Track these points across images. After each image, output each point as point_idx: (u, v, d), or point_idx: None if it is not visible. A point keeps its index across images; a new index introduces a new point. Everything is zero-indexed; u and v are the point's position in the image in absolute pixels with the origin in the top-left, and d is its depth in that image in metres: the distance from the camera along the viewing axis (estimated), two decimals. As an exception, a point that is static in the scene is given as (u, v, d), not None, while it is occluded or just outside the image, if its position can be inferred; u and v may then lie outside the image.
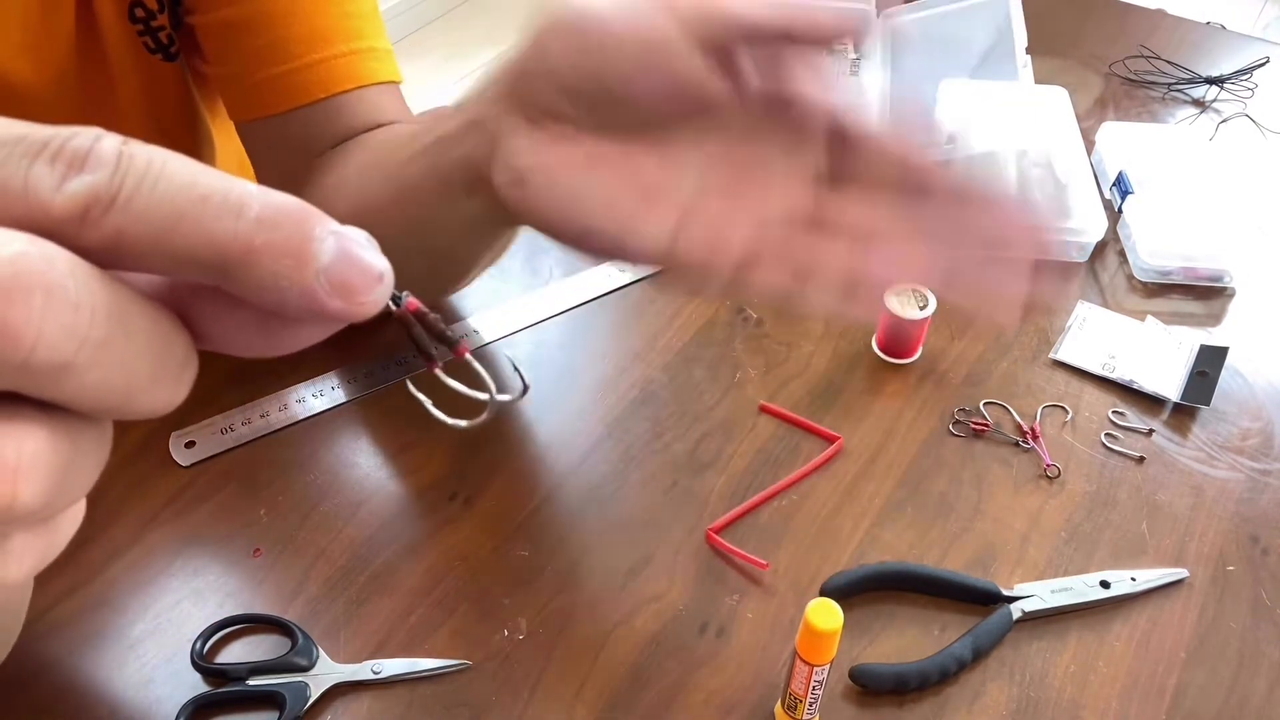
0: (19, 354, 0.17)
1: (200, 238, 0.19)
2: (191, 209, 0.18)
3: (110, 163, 0.18)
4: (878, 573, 0.54)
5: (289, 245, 0.19)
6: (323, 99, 0.61)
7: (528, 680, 0.50)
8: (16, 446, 0.18)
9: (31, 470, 0.18)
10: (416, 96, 0.68)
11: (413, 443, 0.61)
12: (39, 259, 0.17)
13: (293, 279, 0.19)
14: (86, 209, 0.18)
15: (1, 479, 0.18)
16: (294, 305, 0.20)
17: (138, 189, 0.18)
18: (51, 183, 0.18)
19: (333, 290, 0.20)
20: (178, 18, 0.63)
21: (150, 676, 0.50)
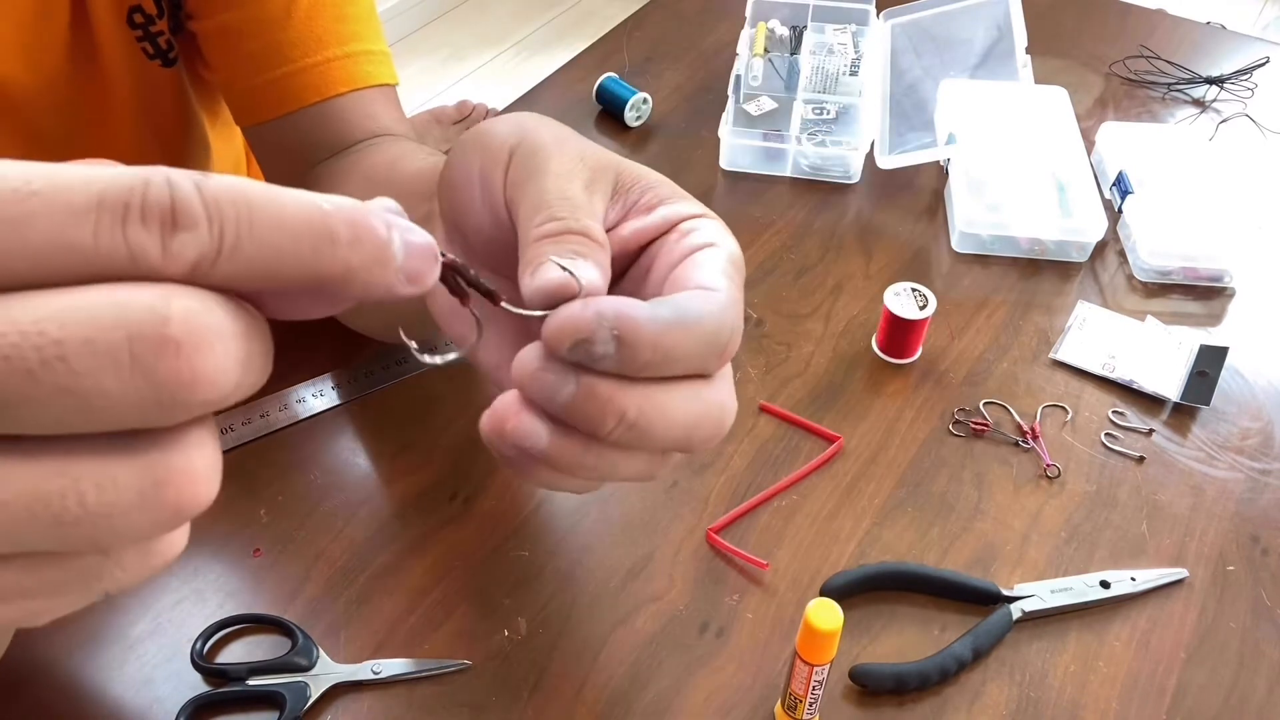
0: (215, 394, 0.19)
1: (303, 269, 0.21)
2: (291, 247, 0.20)
3: (202, 216, 0.19)
4: (878, 573, 0.54)
5: (374, 259, 0.22)
6: (319, 102, 0.61)
7: (528, 680, 0.50)
8: (202, 456, 0.21)
9: (215, 468, 0.21)
10: (416, 96, 0.68)
11: (413, 443, 0.61)
12: (204, 311, 0.19)
13: (379, 282, 0.22)
14: (195, 267, 0.20)
15: (200, 485, 0.20)
16: (378, 298, 0.22)
17: (238, 240, 0.20)
18: (155, 250, 0.19)
19: (408, 279, 0.23)
20: (178, 23, 0.63)
21: (150, 676, 0.50)
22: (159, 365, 0.18)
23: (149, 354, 0.18)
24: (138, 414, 0.19)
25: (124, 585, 0.22)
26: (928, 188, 0.82)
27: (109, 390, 0.18)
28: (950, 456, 0.62)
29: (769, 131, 0.83)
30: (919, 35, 0.91)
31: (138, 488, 0.20)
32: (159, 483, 0.20)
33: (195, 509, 0.21)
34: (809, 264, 0.75)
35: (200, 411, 0.20)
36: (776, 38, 0.93)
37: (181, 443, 0.20)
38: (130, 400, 0.19)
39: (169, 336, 0.18)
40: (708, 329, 0.31)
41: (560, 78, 0.95)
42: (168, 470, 0.20)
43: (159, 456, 0.20)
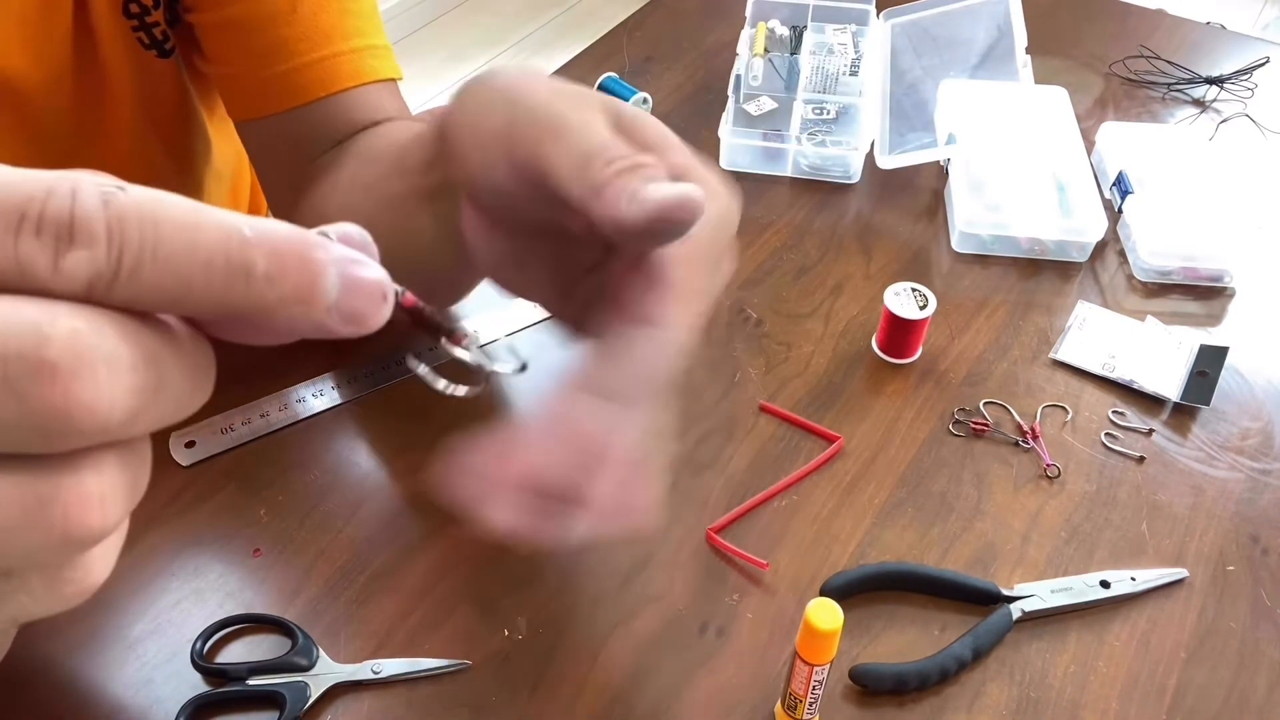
0: (95, 423, 0.18)
1: (213, 301, 0.19)
2: (199, 276, 0.19)
3: (100, 234, 0.18)
4: (878, 573, 0.54)
5: (299, 293, 0.20)
6: (323, 97, 0.61)
7: (528, 680, 0.50)
8: (97, 480, 0.19)
9: (112, 496, 0.20)
10: (416, 96, 0.68)
11: (413, 442, 0.61)
12: (90, 333, 0.18)
13: (306, 320, 0.20)
14: (89, 287, 0.18)
15: (91, 507, 0.19)
16: (308, 334, 0.21)
17: (138, 263, 0.18)
18: (45, 261, 0.18)
19: (343, 320, 0.20)
20: (175, 14, 0.63)
21: (150, 676, 0.50)
22: (33, 390, 0.17)
23: (24, 376, 0.17)
24: (14, 436, 0.18)
25: (33, 612, 0.21)
26: (928, 188, 0.82)
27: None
28: (950, 456, 0.62)
29: (769, 131, 0.83)
30: (919, 35, 0.91)
31: (21, 505, 0.18)
32: (44, 501, 0.19)
33: (87, 533, 0.19)
34: (809, 264, 0.75)
35: (89, 440, 0.18)
36: (776, 38, 0.93)
37: (73, 465, 0.19)
38: (6, 423, 0.17)
39: (46, 360, 0.17)
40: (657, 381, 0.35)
41: (560, 77, 0.94)
42: (55, 490, 0.19)
43: (45, 477, 0.19)
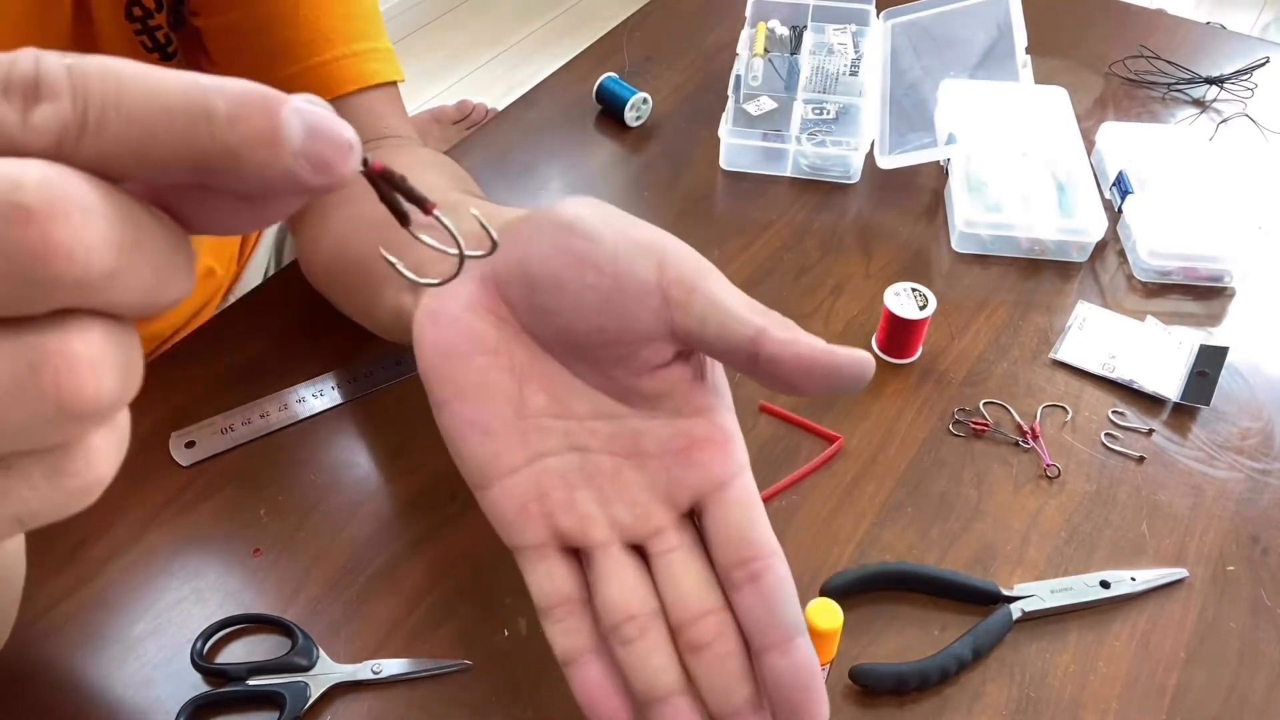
0: (76, 269, 0.18)
1: (177, 148, 0.19)
2: (163, 123, 0.19)
3: (64, 89, 0.18)
4: (878, 573, 0.54)
5: (261, 136, 0.20)
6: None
7: (528, 680, 0.50)
8: (85, 343, 0.19)
9: (104, 362, 0.19)
10: (417, 97, 0.68)
11: (413, 443, 0.61)
12: (61, 180, 0.18)
13: (273, 165, 0.20)
14: (59, 140, 0.19)
15: (82, 372, 0.19)
16: (278, 187, 0.21)
17: (104, 114, 0.19)
18: (15, 119, 0.18)
19: (312, 168, 0.21)
20: (180, 17, 0.63)
21: (150, 676, 0.50)
22: (9, 234, 0.17)
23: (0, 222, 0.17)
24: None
25: (36, 509, 0.20)
26: (928, 188, 0.82)
27: None
28: (950, 456, 0.62)
29: (769, 131, 0.83)
30: (919, 35, 0.91)
31: (11, 372, 0.18)
32: (33, 366, 0.18)
33: (81, 401, 0.19)
34: (809, 264, 0.75)
35: (71, 293, 0.18)
36: (776, 38, 0.93)
37: (60, 327, 0.19)
38: None
39: (20, 203, 0.17)
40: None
41: (560, 78, 0.95)
42: (42, 353, 0.19)
43: (32, 340, 0.19)
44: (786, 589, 0.38)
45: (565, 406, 0.41)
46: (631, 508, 0.40)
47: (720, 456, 0.39)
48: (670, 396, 0.40)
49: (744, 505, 0.39)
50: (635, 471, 0.40)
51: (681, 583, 0.39)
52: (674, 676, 0.38)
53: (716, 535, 0.39)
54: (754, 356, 0.37)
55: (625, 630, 0.39)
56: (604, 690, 0.39)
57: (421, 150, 0.63)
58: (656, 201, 0.81)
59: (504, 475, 0.41)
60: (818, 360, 0.36)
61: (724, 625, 0.38)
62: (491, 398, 0.41)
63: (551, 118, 0.90)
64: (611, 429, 0.40)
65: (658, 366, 0.39)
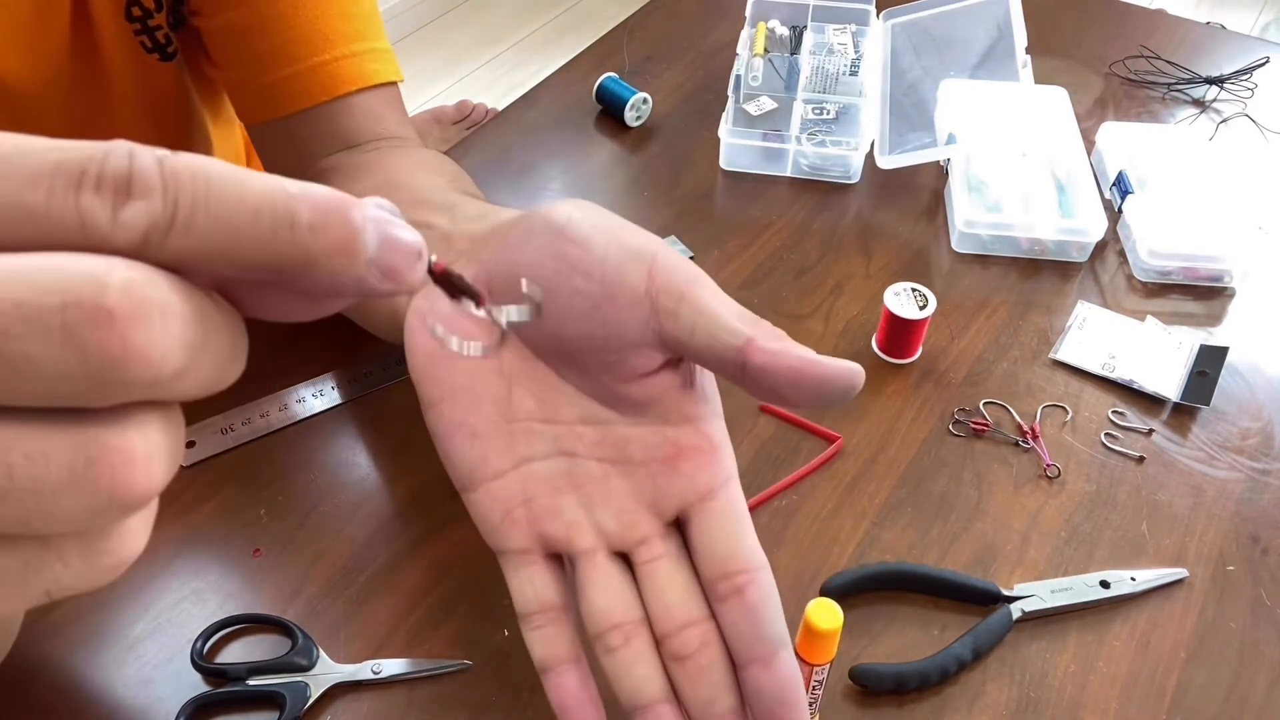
0: (149, 372, 0.18)
1: (259, 253, 0.20)
2: (248, 226, 0.20)
3: (157, 187, 0.19)
4: (878, 573, 0.54)
5: (340, 245, 0.20)
6: (325, 102, 0.61)
7: (528, 680, 0.50)
8: (143, 439, 0.19)
9: (158, 456, 0.20)
10: (417, 96, 0.68)
11: (413, 443, 0.61)
12: (146, 283, 0.18)
13: (346, 272, 0.21)
14: (145, 238, 0.19)
15: (137, 466, 0.19)
16: (345, 291, 0.21)
17: (192, 213, 0.19)
18: (105, 215, 0.18)
19: (382, 275, 0.21)
20: (180, 16, 0.63)
21: (150, 676, 0.50)
22: (90, 335, 0.17)
23: (81, 322, 0.17)
24: (69, 388, 0.18)
25: (67, 585, 0.21)
26: (928, 188, 0.82)
27: (37, 358, 0.17)
28: (950, 456, 0.62)
29: (769, 131, 0.83)
30: (919, 35, 0.91)
31: (68, 464, 0.19)
32: (91, 460, 0.19)
33: (132, 495, 0.19)
34: (809, 264, 0.75)
35: (140, 393, 0.19)
36: (776, 38, 0.93)
37: (121, 422, 0.19)
38: (60, 371, 0.18)
39: (104, 305, 0.18)
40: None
41: (560, 78, 0.95)
42: (102, 448, 0.19)
43: (93, 433, 0.19)
44: (771, 603, 0.38)
45: (553, 411, 0.41)
46: (617, 515, 0.40)
47: (707, 466, 0.40)
48: (658, 403, 0.40)
49: (729, 517, 0.39)
50: (622, 478, 0.40)
51: (666, 593, 0.39)
52: (658, 685, 0.39)
53: (701, 547, 0.39)
54: (742, 366, 0.37)
55: (609, 639, 0.39)
56: (579, 699, 0.39)
57: (421, 151, 0.63)
58: (656, 201, 0.81)
59: (490, 478, 0.41)
60: (806, 371, 0.36)
61: (708, 635, 0.38)
62: (479, 400, 0.41)
63: (551, 118, 0.90)
64: (599, 435, 0.40)
65: (645, 374, 0.39)
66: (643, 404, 0.40)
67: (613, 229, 0.39)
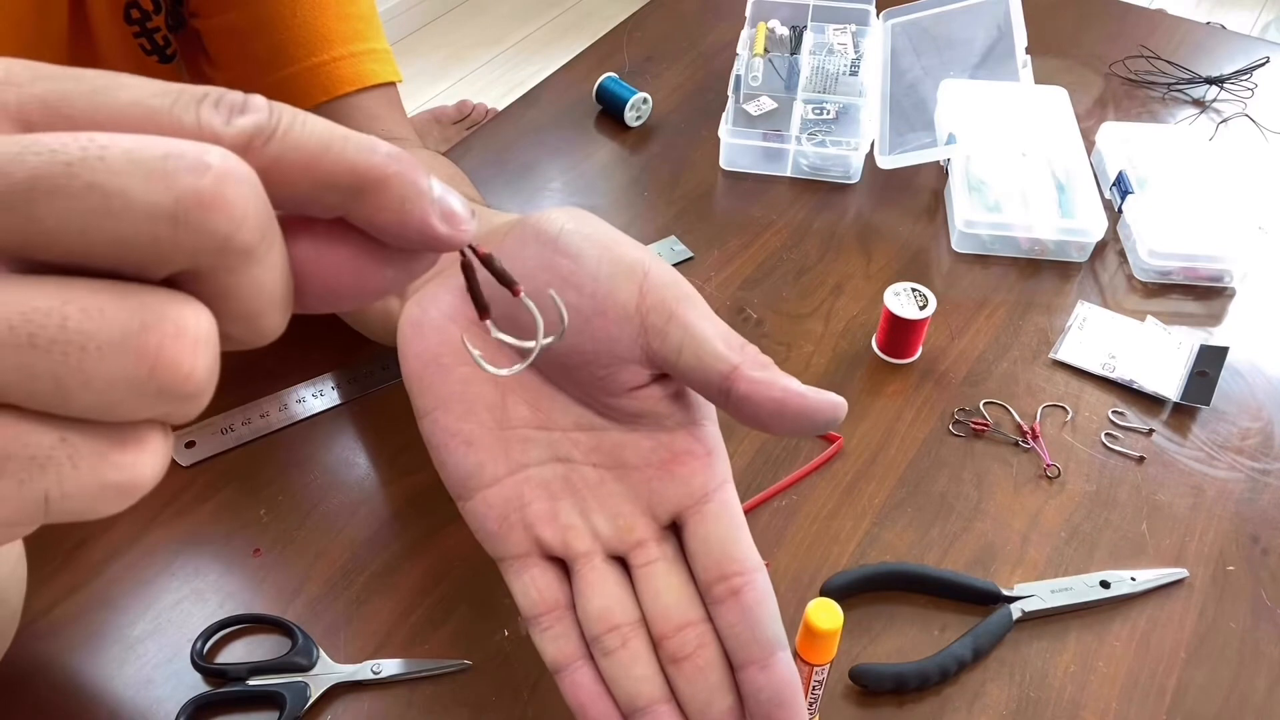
0: (229, 226, 0.19)
1: (344, 164, 0.22)
2: (336, 143, 0.22)
3: (265, 107, 0.21)
4: (878, 573, 0.54)
5: (410, 177, 0.23)
6: (323, 103, 0.61)
7: (528, 680, 0.50)
8: (196, 318, 0.20)
9: (205, 345, 0.20)
10: (417, 96, 0.68)
11: (413, 442, 0.61)
12: (242, 166, 0.20)
13: (414, 203, 0.23)
14: (251, 139, 0.21)
15: (185, 346, 0.19)
16: (412, 228, 0.23)
17: (291, 126, 0.21)
18: (220, 120, 0.21)
19: (443, 216, 0.23)
20: (179, 19, 0.63)
21: (150, 676, 0.50)
22: (185, 178, 0.19)
23: (181, 169, 0.19)
24: (151, 232, 0.19)
25: (69, 493, 0.20)
26: (928, 188, 0.82)
27: (132, 194, 0.18)
28: (950, 456, 0.62)
29: (769, 131, 0.83)
30: (919, 35, 0.91)
31: (123, 324, 0.19)
32: (145, 326, 0.19)
33: (176, 374, 0.19)
34: (809, 264, 0.75)
35: (213, 257, 0.20)
36: (776, 38, 0.93)
37: (180, 299, 0.20)
38: (148, 208, 0.18)
39: (204, 160, 0.19)
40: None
41: (560, 78, 0.95)
42: (158, 316, 0.19)
43: (151, 300, 0.19)
44: (767, 605, 0.38)
45: (548, 418, 0.41)
46: (613, 519, 0.40)
47: (701, 470, 0.40)
48: (650, 415, 0.40)
49: (725, 520, 0.39)
50: (617, 483, 0.40)
51: (663, 595, 0.39)
52: (656, 686, 0.39)
53: (697, 550, 0.39)
54: (726, 393, 0.37)
55: (607, 641, 0.39)
56: (594, 695, 0.39)
57: (418, 152, 0.63)
58: (656, 201, 0.81)
59: (486, 485, 0.41)
60: (789, 403, 0.37)
61: (705, 637, 0.39)
62: (474, 408, 0.41)
63: (551, 118, 0.90)
64: (594, 441, 0.40)
65: (636, 387, 0.39)
66: (634, 415, 0.40)
67: (606, 241, 0.39)
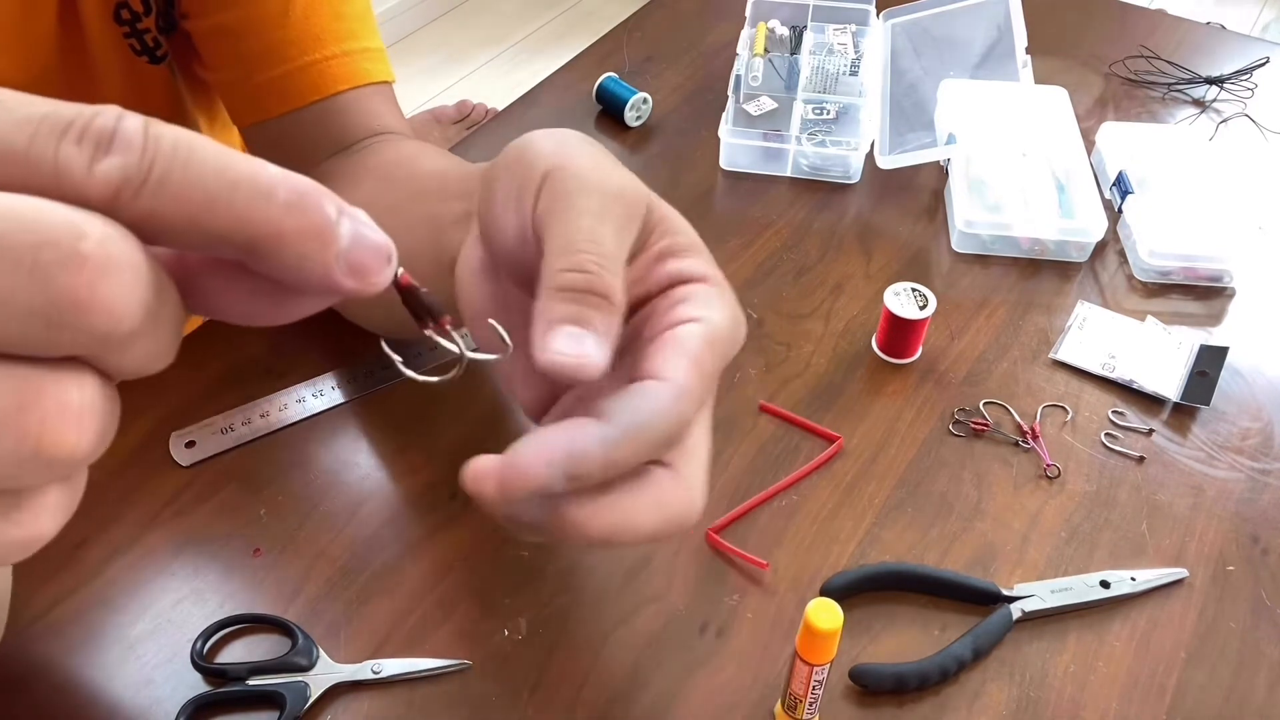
0: (108, 324, 0.18)
1: (232, 221, 0.20)
2: (223, 193, 0.20)
3: (138, 145, 0.19)
4: (878, 573, 0.54)
5: (313, 229, 0.20)
6: (317, 101, 0.61)
7: (528, 680, 0.50)
8: (79, 392, 0.19)
9: (90, 415, 0.19)
10: (417, 96, 0.69)
11: (412, 442, 0.61)
12: (121, 239, 0.18)
13: (315, 260, 0.21)
14: (118, 191, 0.19)
15: (69, 420, 0.19)
16: (313, 283, 0.21)
17: (168, 172, 0.19)
18: (82, 163, 0.19)
19: (349, 270, 0.21)
20: (170, 20, 0.63)
21: (150, 676, 0.50)
22: (60, 277, 0.18)
23: (55, 263, 0.17)
24: (22, 326, 0.18)
25: None
26: (928, 188, 0.82)
27: (2, 290, 0.17)
28: (950, 456, 0.62)
29: (769, 131, 0.83)
30: (919, 35, 0.91)
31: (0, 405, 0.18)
32: (23, 405, 0.18)
33: (60, 448, 0.19)
34: (809, 264, 0.75)
35: (90, 346, 0.19)
36: (776, 38, 0.93)
37: (60, 375, 0.19)
38: (21, 308, 0.18)
39: (79, 251, 0.18)
40: (657, 434, 0.31)
41: (560, 78, 0.95)
42: (37, 393, 0.18)
43: (32, 379, 0.18)
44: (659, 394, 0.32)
45: None
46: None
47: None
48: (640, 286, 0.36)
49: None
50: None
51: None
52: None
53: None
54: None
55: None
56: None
57: (404, 143, 0.62)
58: (656, 201, 0.80)
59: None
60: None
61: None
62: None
63: (551, 118, 0.90)
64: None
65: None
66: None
67: (597, 181, 0.35)
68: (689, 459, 0.34)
